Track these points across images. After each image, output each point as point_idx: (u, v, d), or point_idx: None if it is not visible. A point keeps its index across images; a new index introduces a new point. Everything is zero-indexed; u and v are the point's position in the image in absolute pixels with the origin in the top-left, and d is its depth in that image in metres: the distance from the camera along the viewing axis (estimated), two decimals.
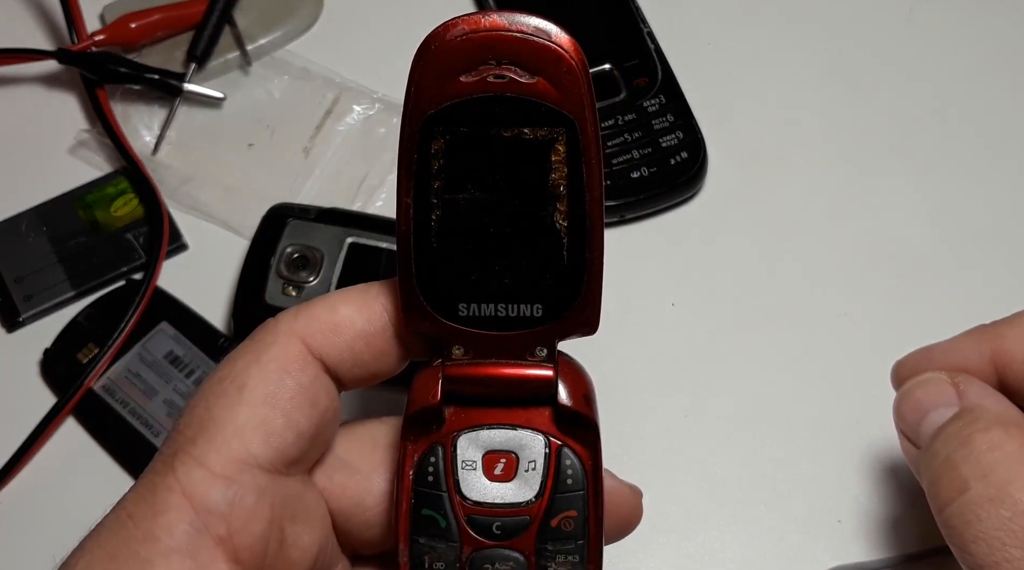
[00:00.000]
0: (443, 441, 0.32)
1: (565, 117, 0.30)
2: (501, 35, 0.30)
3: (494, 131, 0.30)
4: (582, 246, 0.31)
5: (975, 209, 0.55)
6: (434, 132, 0.30)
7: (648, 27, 0.58)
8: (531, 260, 0.31)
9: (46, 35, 0.60)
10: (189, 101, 0.57)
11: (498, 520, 0.32)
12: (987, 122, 0.58)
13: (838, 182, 0.56)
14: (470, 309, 0.32)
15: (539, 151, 0.30)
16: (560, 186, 0.31)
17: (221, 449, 0.30)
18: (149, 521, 0.30)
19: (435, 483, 0.32)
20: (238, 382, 0.31)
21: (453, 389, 0.32)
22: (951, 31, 0.60)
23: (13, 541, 0.48)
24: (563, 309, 0.32)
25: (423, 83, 0.30)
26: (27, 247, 0.53)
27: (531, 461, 0.32)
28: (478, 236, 0.31)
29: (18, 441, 0.49)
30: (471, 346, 0.32)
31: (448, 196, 0.31)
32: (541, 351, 0.32)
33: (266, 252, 0.51)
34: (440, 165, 0.31)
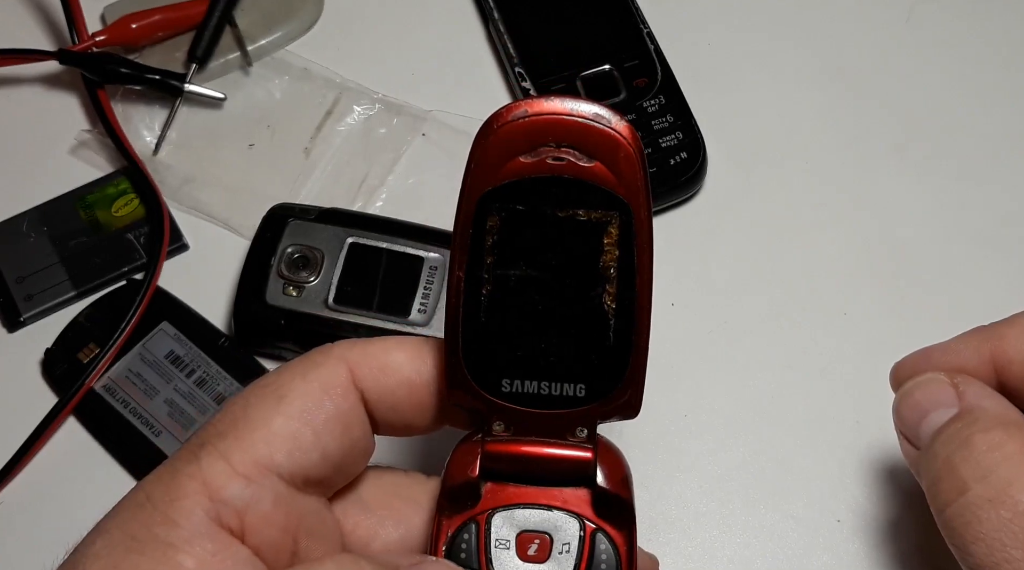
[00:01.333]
0: (478, 518, 0.33)
1: (620, 201, 0.30)
2: (562, 119, 0.30)
3: (549, 211, 0.31)
4: (629, 329, 0.31)
5: (975, 209, 0.55)
6: (490, 209, 0.31)
7: (648, 27, 0.58)
8: (577, 340, 0.32)
9: (47, 36, 0.60)
10: (190, 101, 0.57)
11: None
12: (987, 122, 0.58)
13: (838, 182, 0.56)
14: (513, 385, 0.32)
15: (592, 233, 0.31)
16: (611, 268, 0.31)
17: (247, 450, 0.31)
18: (167, 505, 0.30)
19: (467, 561, 0.32)
20: (280, 392, 0.32)
21: (491, 466, 0.33)
22: (951, 31, 0.60)
23: (13, 541, 0.48)
24: (606, 391, 0.32)
25: (483, 160, 0.31)
26: (28, 247, 0.54)
27: (566, 543, 0.32)
28: (526, 313, 0.32)
29: (19, 441, 0.49)
30: (512, 422, 0.32)
31: (499, 272, 0.31)
32: (582, 431, 0.32)
33: (266, 252, 0.51)
34: (494, 241, 0.31)
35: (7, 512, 0.49)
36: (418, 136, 0.57)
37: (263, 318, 0.50)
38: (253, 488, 0.31)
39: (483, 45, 0.60)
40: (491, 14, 0.59)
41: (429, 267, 0.51)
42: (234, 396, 0.33)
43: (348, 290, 0.50)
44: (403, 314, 0.50)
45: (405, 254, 0.51)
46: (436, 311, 0.50)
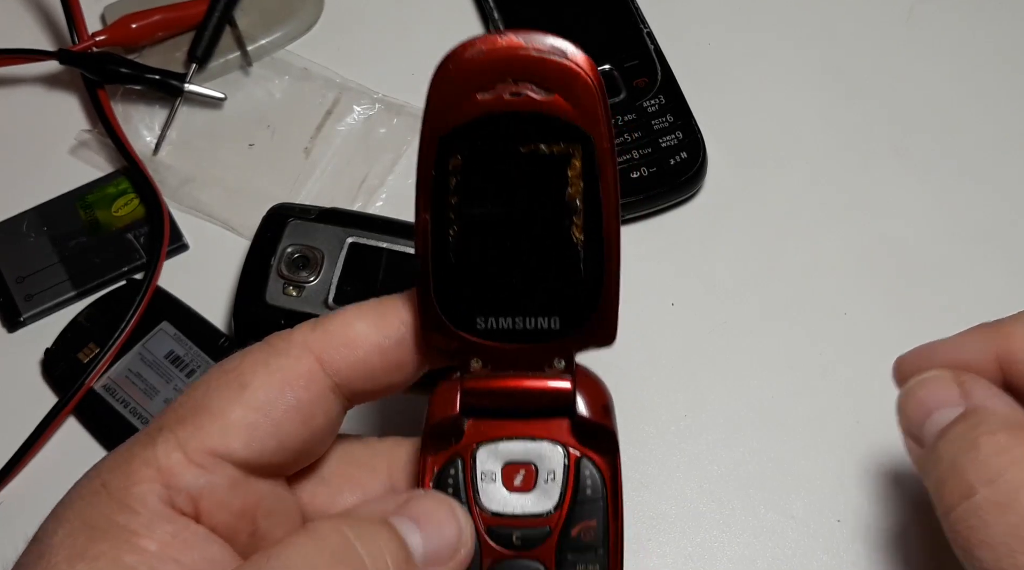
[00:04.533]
0: (462, 453, 0.33)
1: (581, 133, 0.30)
2: (518, 54, 0.30)
3: (511, 147, 0.31)
4: (599, 259, 0.32)
5: (975, 209, 0.55)
6: (452, 149, 0.31)
7: (648, 27, 0.58)
8: (548, 273, 0.32)
9: (47, 36, 0.60)
10: (190, 101, 0.57)
11: (518, 531, 0.32)
12: (987, 122, 0.58)
13: (838, 182, 0.56)
14: (488, 323, 0.32)
15: (555, 166, 0.31)
16: (576, 200, 0.31)
17: (204, 439, 0.31)
18: (122, 492, 0.30)
19: (455, 494, 0.33)
20: (242, 380, 0.32)
21: (472, 402, 0.33)
22: (951, 31, 0.60)
23: (14, 541, 0.48)
24: (581, 321, 0.32)
25: (441, 101, 0.31)
26: (28, 247, 0.54)
27: (550, 472, 0.33)
28: (496, 250, 0.32)
29: (19, 441, 0.49)
30: (490, 359, 0.33)
31: (466, 211, 0.31)
32: (559, 363, 0.33)
33: (267, 252, 0.51)
34: (458, 181, 0.31)
35: (7, 512, 0.49)
36: (418, 136, 0.57)
37: (263, 318, 0.50)
38: (207, 476, 0.31)
39: None
40: (491, 14, 0.59)
41: None
42: (197, 380, 0.33)
43: (348, 290, 0.50)
44: None
45: (405, 254, 0.51)
46: None
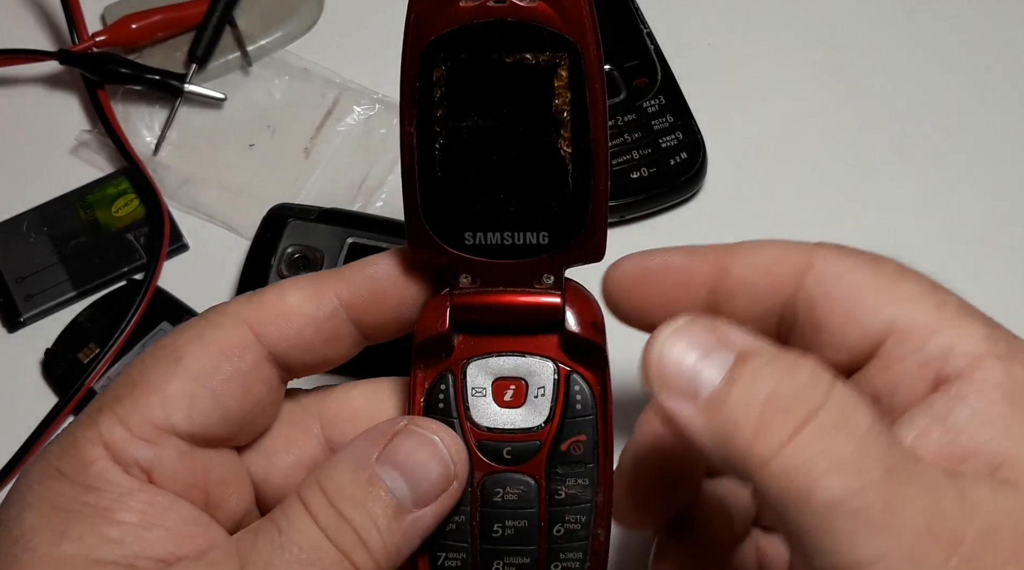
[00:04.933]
0: (453, 369, 0.33)
1: (567, 42, 0.30)
2: None
3: (495, 57, 0.30)
4: (587, 173, 0.31)
5: (975, 209, 0.55)
6: (435, 60, 0.30)
7: (648, 28, 0.58)
8: (536, 187, 0.31)
9: (47, 36, 0.60)
10: (190, 102, 0.57)
11: (508, 445, 0.32)
12: (987, 122, 0.58)
13: (837, 182, 0.56)
14: (476, 238, 0.32)
15: (542, 77, 0.30)
16: (564, 112, 0.31)
17: (144, 412, 0.31)
18: (80, 474, 0.30)
19: (446, 410, 0.33)
20: (177, 354, 0.32)
21: (461, 317, 0.33)
22: (951, 31, 0.60)
23: None
24: (569, 236, 0.32)
25: (423, 10, 0.30)
26: (28, 247, 0.54)
27: (540, 387, 0.33)
28: (482, 164, 0.31)
29: (19, 441, 0.49)
30: (478, 274, 0.32)
31: (451, 124, 0.31)
32: (548, 278, 0.32)
33: (267, 252, 0.51)
34: (442, 93, 0.31)
35: None
36: None
37: None
38: (154, 449, 0.31)
39: None
40: None
41: None
42: (132, 362, 0.33)
43: None
44: None
45: None
46: None
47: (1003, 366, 0.30)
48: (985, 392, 0.30)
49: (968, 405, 0.30)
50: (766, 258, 0.34)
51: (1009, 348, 0.31)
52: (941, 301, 0.32)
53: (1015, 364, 0.31)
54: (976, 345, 0.31)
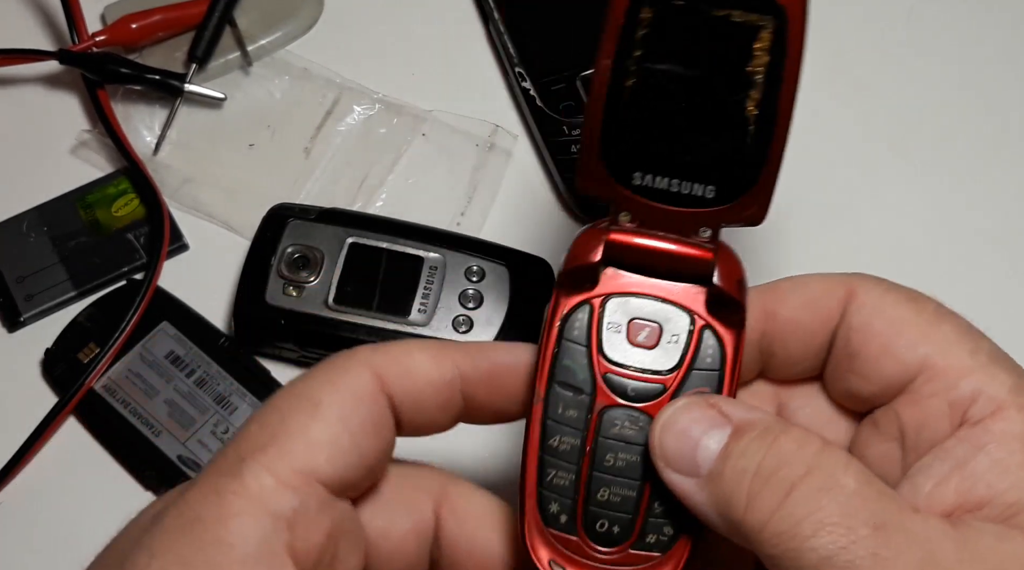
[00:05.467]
0: (593, 301, 0.33)
1: (778, 7, 0.30)
2: None
3: (704, 8, 0.30)
4: (767, 138, 0.32)
5: (975, 209, 0.55)
6: (645, 0, 0.30)
7: None
8: (715, 142, 0.32)
9: (47, 36, 0.60)
10: (190, 101, 0.57)
11: (633, 384, 0.33)
12: (987, 122, 0.58)
13: (837, 182, 0.56)
14: (645, 179, 0.32)
15: (744, 36, 0.30)
16: (758, 75, 0.31)
17: (290, 460, 0.31)
18: (218, 526, 0.30)
19: (579, 337, 0.33)
20: (314, 399, 0.32)
21: (614, 253, 0.33)
22: (951, 31, 0.60)
23: (14, 541, 0.49)
24: (735, 195, 0.32)
25: None
26: (28, 247, 0.54)
27: (675, 334, 0.33)
28: (668, 109, 0.31)
29: (19, 440, 0.49)
30: (639, 214, 0.33)
31: (647, 65, 0.31)
32: (705, 232, 0.33)
33: (267, 252, 0.51)
34: (644, 34, 0.31)
35: (7, 512, 0.49)
36: (418, 136, 0.57)
37: (263, 318, 0.50)
38: (300, 497, 0.31)
39: (483, 45, 0.60)
40: (491, 14, 0.59)
41: (429, 267, 0.51)
42: (264, 407, 0.33)
43: (348, 290, 0.50)
44: (403, 314, 0.50)
45: (405, 254, 0.51)
46: (436, 311, 0.50)
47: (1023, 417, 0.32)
48: (1005, 443, 0.31)
49: (987, 455, 0.31)
50: (810, 294, 0.35)
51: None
52: (976, 347, 0.33)
53: None
54: (1003, 393, 0.32)
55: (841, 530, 0.28)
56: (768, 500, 0.29)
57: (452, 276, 0.51)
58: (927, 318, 0.33)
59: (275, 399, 0.33)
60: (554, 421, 0.33)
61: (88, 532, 0.46)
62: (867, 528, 0.28)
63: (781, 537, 0.29)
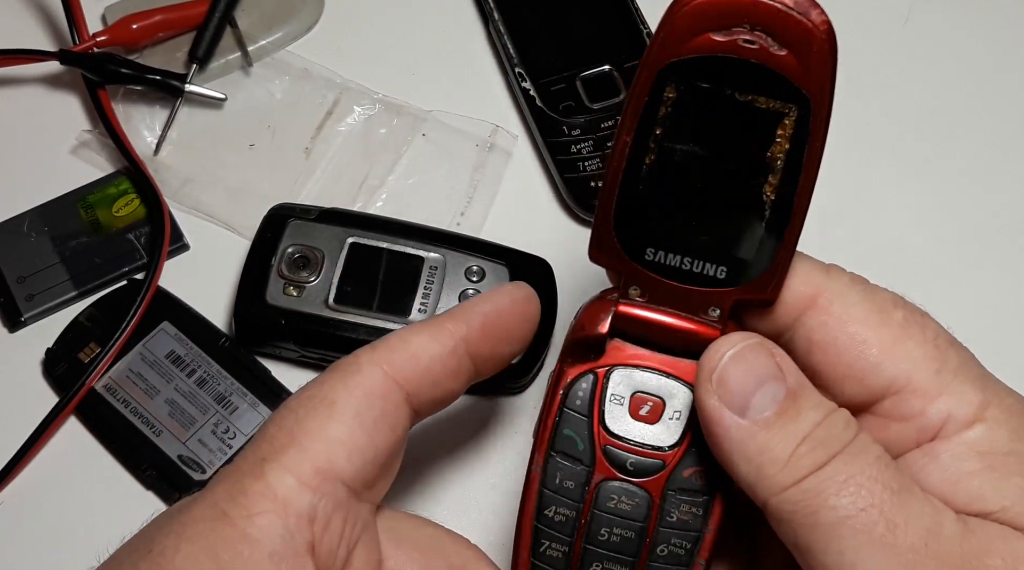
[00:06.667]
0: (597, 371, 0.33)
1: (802, 95, 0.30)
2: (762, 2, 0.30)
3: (729, 92, 0.30)
4: (782, 222, 0.32)
5: (974, 209, 0.55)
6: (671, 79, 0.31)
7: (648, 28, 0.58)
8: (730, 224, 0.32)
9: (48, 36, 0.60)
10: (190, 102, 0.57)
11: (633, 457, 0.33)
12: (987, 122, 0.58)
13: (836, 182, 0.56)
14: (658, 255, 0.32)
15: (767, 121, 0.31)
16: (778, 160, 0.31)
17: (312, 460, 0.32)
18: (245, 521, 0.31)
19: (582, 407, 0.33)
20: (328, 400, 0.33)
21: (621, 325, 0.33)
22: (949, 32, 0.60)
23: (14, 540, 0.49)
24: (746, 277, 0.32)
25: (673, 30, 0.30)
26: (29, 247, 0.54)
27: (677, 411, 0.33)
28: (685, 188, 0.32)
29: (20, 440, 0.49)
30: (648, 290, 0.33)
31: (667, 143, 0.31)
32: (714, 311, 0.33)
33: (267, 252, 0.51)
34: (667, 112, 0.31)
35: (7, 512, 0.49)
36: (418, 136, 0.57)
37: (263, 318, 0.50)
38: (320, 496, 0.32)
39: (483, 45, 0.60)
40: (491, 14, 0.59)
41: (429, 267, 0.51)
42: (279, 410, 0.34)
43: (348, 290, 0.50)
44: (403, 314, 0.50)
45: (405, 254, 0.51)
46: (436, 311, 0.50)
47: (986, 428, 0.32)
48: (960, 452, 0.32)
49: (940, 465, 0.32)
50: None
51: (1001, 412, 0.32)
52: (941, 364, 0.33)
53: (999, 428, 0.32)
54: (970, 412, 0.32)
55: (864, 491, 0.29)
56: (806, 464, 0.30)
57: (452, 276, 0.51)
58: (892, 333, 0.33)
59: (290, 402, 0.34)
60: (551, 491, 0.33)
61: (89, 532, 0.46)
62: (886, 493, 0.29)
63: (806, 493, 0.30)
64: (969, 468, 0.31)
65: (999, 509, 0.31)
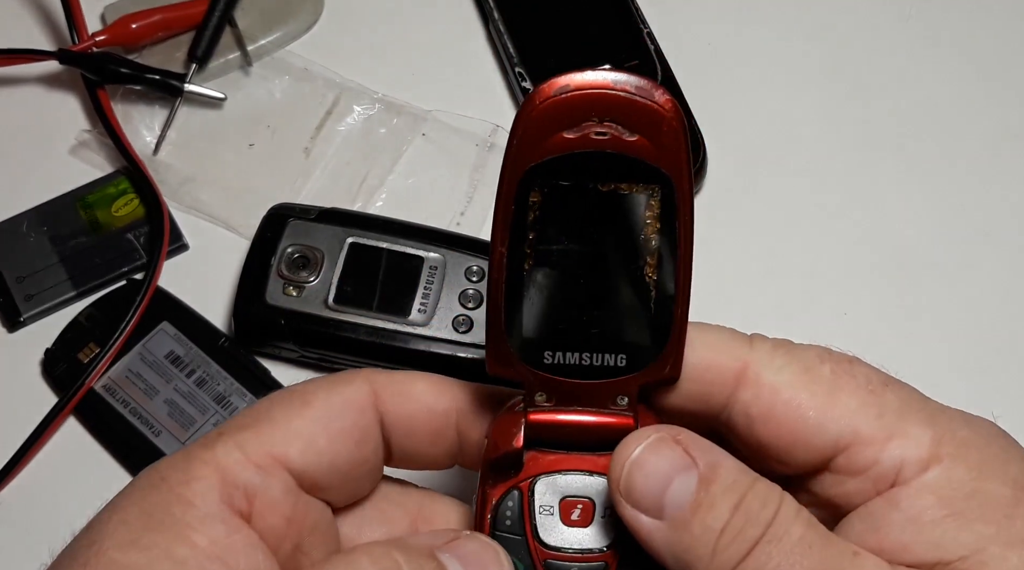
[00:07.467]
0: (521, 486, 0.33)
1: (662, 175, 0.30)
2: (606, 94, 0.30)
3: (592, 185, 0.31)
4: (670, 299, 0.32)
5: (974, 209, 0.55)
6: (533, 184, 0.31)
7: (648, 28, 0.58)
8: (619, 312, 0.32)
9: (47, 36, 0.60)
10: (190, 101, 0.57)
11: (576, 565, 0.33)
12: (987, 122, 0.58)
13: (837, 182, 0.56)
14: (555, 357, 0.32)
15: (634, 206, 0.31)
16: (652, 241, 0.31)
17: (263, 442, 0.32)
18: (182, 486, 0.31)
19: (512, 527, 0.33)
20: (305, 399, 0.34)
21: (534, 435, 0.33)
22: (948, 32, 0.60)
23: (14, 540, 0.49)
24: (647, 360, 0.32)
25: (526, 136, 0.31)
26: (28, 247, 0.54)
27: (608, 507, 0.33)
28: (568, 287, 0.32)
29: (19, 440, 0.49)
30: (554, 393, 0.33)
31: (542, 247, 0.31)
32: (622, 400, 0.33)
33: (266, 252, 0.51)
34: (536, 216, 0.31)
35: (7, 512, 0.49)
36: (418, 136, 0.57)
37: (263, 318, 0.50)
38: (264, 476, 0.32)
39: (483, 45, 0.60)
40: (491, 14, 0.59)
41: (429, 267, 0.51)
42: (261, 399, 0.34)
43: (348, 290, 0.50)
44: (403, 314, 0.50)
45: (405, 254, 0.51)
46: (436, 311, 0.50)
47: (944, 468, 0.31)
48: (920, 498, 0.31)
49: (901, 512, 0.31)
50: (695, 363, 0.34)
51: (955, 447, 0.32)
52: (881, 408, 0.32)
53: (957, 466, 0.31)
54: (924, 452, 0.32)
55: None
56: (731, 556, 0.30)
57: (452, 276, 0.51)
58: (824, 390, 0.33)
59: (274, 394, 0.34)
60: None
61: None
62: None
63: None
64: (930, 516, 0.31)
65: (957, 558, 0.30)
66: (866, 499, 0.32)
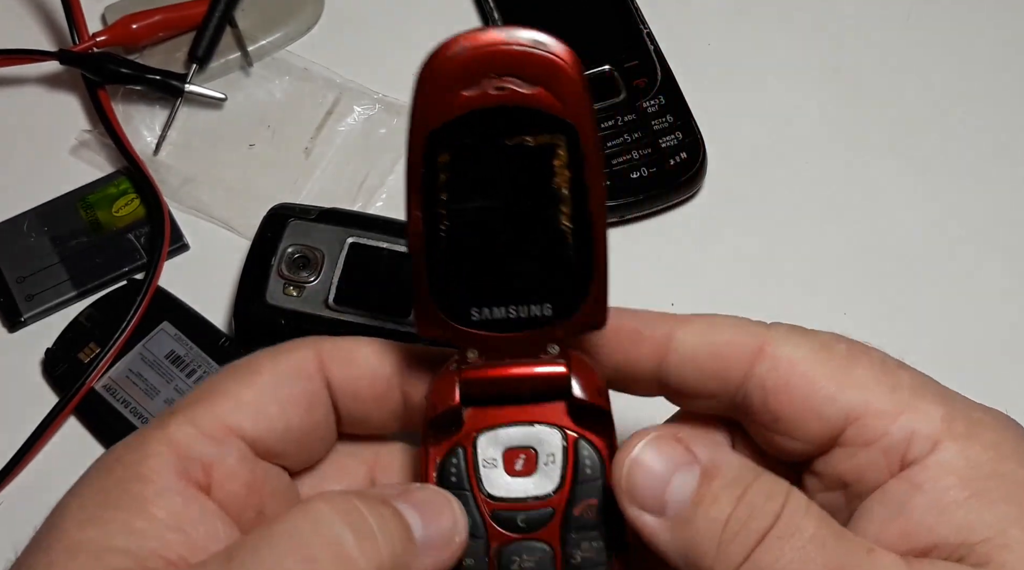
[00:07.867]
0: (463, 442, 0.33)
1: (565, 124, 0.31)
2: (500, 49, 0.30)
3: (497, 141, 0.31)
4: (588, 245, 0.32)
5: (975, 209, 0.55)
6: (439, 146, 0.31)
7: (647, 28, 0.58)
8: (539, 262, 0.32)
9: (47, 36, 0.60)
10: (190, 102, 0.57)
11: (522, 514, 0.33)
12: (987, 122, 0.58)
13: (837, 182, 0.56)
14: (482, 313, 0.33)
15: (542, 157, 0.31)
16: (563, 189, 0.31)
17: (217, 415, 0.33)
18: (137, 465, 0.32)
19: (458, 483, 0.33)
20: (253, 368, 0.34)
21: (470, 391, 0.33)
22: (949, 32, 0.60)
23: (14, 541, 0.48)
24: (572, 307, 0.33)
25: (427, 99, 0.31)
26: (29, 247, 0.54)
27: (550, 454, 0.33)
28: (486, 242, 0.32)
29: (20, 440, 0.49)
30: (485, 348, 0.33)
31: (455, 206, 0.32)
32: (553, 349, 0.33)
33: (267, 252, 0.51)
34: (447, 177, 0.31)
35: (7, 512, 0.49)
36: None
37: (263, 318, 0.50)
38: (219, 447, 0.32)
39: None
40: (491, 14, 0.59)
41: None
42: (211, 375, 0.35)
43: (348, 290, 0.50)
44: (403, 314, 0.50)
45: (405, 254, 0.51)
46: None
47: (959, 448, 0.31)
48: (941, 479, 0.31)
49: (924, 494, 0.31)
50: (715, 340, 0.35)
51: (968, 426, 0.32)
52: (895, 382, 0.33)
53: (972, 445, 0.31)
54: (935, 427, 0.32)
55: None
56: (737, 550, 0.30)
57: None
58: (839, 364, 0.33)
59: (225, 366, 0.35)
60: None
61: None
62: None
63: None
64: (953, 497, 0.31)
65: (981, 540, 0.30)
66: (877, 475, 0.32)
